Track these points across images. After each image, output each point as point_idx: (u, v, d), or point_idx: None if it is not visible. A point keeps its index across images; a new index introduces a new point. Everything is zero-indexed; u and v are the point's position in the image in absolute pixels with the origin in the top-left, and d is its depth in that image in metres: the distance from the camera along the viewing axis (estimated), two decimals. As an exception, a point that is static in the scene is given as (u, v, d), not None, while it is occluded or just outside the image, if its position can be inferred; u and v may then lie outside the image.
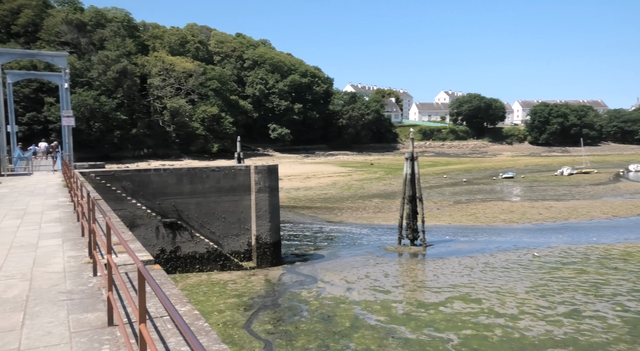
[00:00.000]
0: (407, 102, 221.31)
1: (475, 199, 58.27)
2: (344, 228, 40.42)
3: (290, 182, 72.10)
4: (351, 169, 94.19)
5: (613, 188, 67.87)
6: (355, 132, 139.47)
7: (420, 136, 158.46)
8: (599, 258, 28.18)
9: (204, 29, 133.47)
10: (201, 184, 27.18)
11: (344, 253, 31.48)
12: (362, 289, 23.24)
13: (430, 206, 50.74)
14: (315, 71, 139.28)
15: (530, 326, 17.89)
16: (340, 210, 50.31)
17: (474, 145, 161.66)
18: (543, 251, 30.52)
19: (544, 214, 45.88)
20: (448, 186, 73.45)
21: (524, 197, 60.41)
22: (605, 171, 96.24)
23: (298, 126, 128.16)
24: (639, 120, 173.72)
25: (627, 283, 22.99)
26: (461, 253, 31.01)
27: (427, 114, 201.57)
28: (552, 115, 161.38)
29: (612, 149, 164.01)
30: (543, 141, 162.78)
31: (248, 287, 23.69)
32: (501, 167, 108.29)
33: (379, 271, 26.87)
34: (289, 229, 39.62)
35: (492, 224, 41.41)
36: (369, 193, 64.96)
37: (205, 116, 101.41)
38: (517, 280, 24.12)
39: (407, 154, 33.91)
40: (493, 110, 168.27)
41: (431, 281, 24.77)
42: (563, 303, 20.42)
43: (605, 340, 16.48)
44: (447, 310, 20.05)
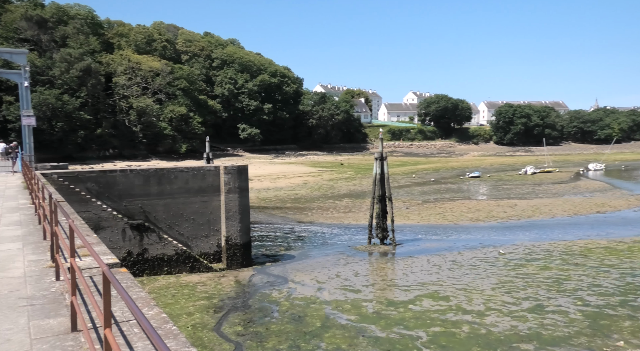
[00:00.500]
0: (376, 102, 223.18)
1: (443, 198, 59.29)
2: (314, 228, 40.46)
3: (260, 182, 71.71)
4: (321, 169, 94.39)
5: (574, 187, 70.22)
6: (325, 133, 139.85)
7: (389, 136, 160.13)
8: (561, 255, 29.09)
9: (171, 27, 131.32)
10: (169, 185, 26.72)
11: (315, 253, 31.52)
12: (333, 289, 23.31)
13: (400, 206, 51.33)
14: (285, 70, 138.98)
15: (496, 322, 18.32)
16: (311, 210, 50.34)
17: (441, 145, 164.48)
18: (508, 249, 31.31)
19: (509, 212, 47.06)
20: (417, 186, 74.48)
21: (489, 196, 61.83)
22: (566, 170, 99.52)
23: (268, 126, 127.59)
24: (598, 121, 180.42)
25: (587, 278, 23.81)
26: (430, 251, 31.49)
27: (396, 115, 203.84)
28: (516, 116, 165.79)
29: (573, 148, 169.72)
30: (508, 141, 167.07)
31: (218, 289, 23.43)
32: (468, 166, 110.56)
33: (349, 270, 27.01)
34: (260, 229, 39.40)
35: (460, 223, 42.22)
36: (339, 192, 65.22)
37: (173, 115, 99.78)
38: (483, 277, 24.66)
39: (377, 154, 34.20)
40: (460, 111, 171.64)
41: (401, 279, 25.06)
42: (527, 298, 20.99)
43: (567, 334, 17.03)
44: (416, 307, 20.32)
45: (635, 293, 21.32)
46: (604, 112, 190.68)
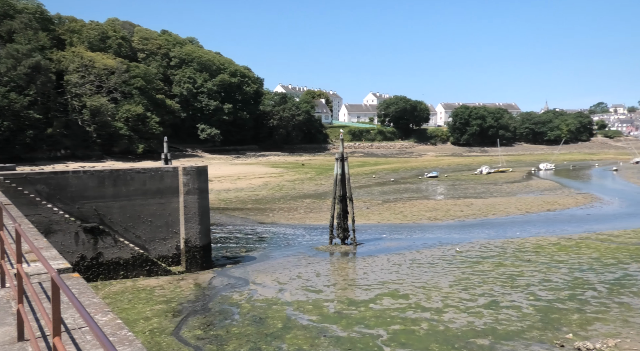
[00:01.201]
0: (337, 103, 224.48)
1: (403, 198, 60.27)
2: (275, 229, 40.28)
3: (220, 183, 70.75)
4: (282, 170, 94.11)
5: (526, 186, 72.90)
6: (286, 133, 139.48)
7: (349, 137, 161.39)
8: (514, 252, 30.11)
9: (127, 24, 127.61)
10: (125, 186, 25.94)
11: (276, 254, 31.37)
12: (294, 290, 23.27)
13: (360, 206, 51.81)
14: (245, 70, 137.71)
15: (453, 319, 18.77)
16: (272, 211, 50.09)
17: (400, 145, 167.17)
18: (465, 247, 32.15)
19: (465, 211, 48.34)
20: (377, 186, 75.40)
21: (447, 195, 63.32)
22: (519, 170, 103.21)
23: (228, 127, 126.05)
24: (548, 122, 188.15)
25: (538, 274, 24.75)
26: (390, 250, 31.93)
27: (356, 115, 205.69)
28: (471, 117, 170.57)
29: (525, 149, 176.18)
30: (464, 142, 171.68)
31: (177, 292, 22.94)
32: (426, 166, 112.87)
33: (310, 271, 27.03)
34: (220, 231, 38.87)
35: (419, 222, 43.03)
36: (300, 193, 65.19)
37: (129, 115, 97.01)
38: (441, 275, 25.21)
39: (337, 155, 34.39)
40: (418, 112, 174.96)
41: (361, 279, 25.28)
42: (483, 295, 21.61)
43: (520, 328, 17.64)
44: (376, 306, 20.55)
45: (582, 287, 22.32)
46: (553, 114, 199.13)
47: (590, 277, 23.90)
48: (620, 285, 22.38)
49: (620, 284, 22.59)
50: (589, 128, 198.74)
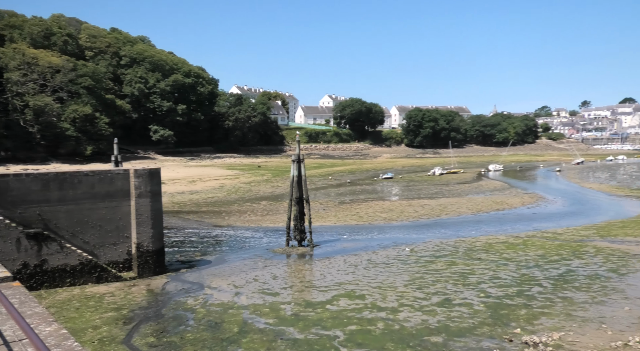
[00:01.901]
0: (293, 105, 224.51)
1: (359, 199, 60.90)
2: (231, 232, 39.76)
3: (174, 186, 69.16)
4: (238, 172, 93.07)
5: (476, 186, 75.32)
6: (242, 135, 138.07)
7: (306, 139, 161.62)
8: (466, 250, 31.01)
9: (73, 21, 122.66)
10: (72, 190, 24.87)
11: (232, 257, 30.95)
12: (251, 293, 23.03)
13: (317, 207, 51.95)
14: (199, 71, 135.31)
15: (408, 318, 19.11)
16: (228, 214, 49.43)
17: (356, 147, 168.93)
18: (419, 246, 32.82)
19: (419, 211, 49.39)
20: (333, 187, 75.84)
21: (402, 196, 64.50)
22: (470, 171, 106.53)
23: (182, 128, 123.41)
24: (496, 125, 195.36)
25: (489, 272, 25.59)
26: (346, 251, 32.17)
27: (313, 117, 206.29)
28: (424, 119, 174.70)
29: (475, 151, 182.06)
30: (417, 144, 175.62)
31: (128, 299, 22.20)
32: (381, 168, 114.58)
33: (267, 273, 26.84)
34: (174, 235, 37.97)
35: (374, 223, 43.59)
36: (256, 195, 64.67)
37: (76, 115, 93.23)
38: (396, 275, 25.63)
39: (294, 157, 34.34)
40: (373, 114, 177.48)
41: (318, 280, 25.33)
42: (436, 293, 22.12)
43: (471, 325, 18.17)
44: (333, 307, 20.63)
45: (529, 283, 23.26)
46: (501, 117, 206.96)
47: (536, 273, 24.93)
48: (563, 281, 23.46)
49: (563, 279, 23.69)
50: (534, 131, 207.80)
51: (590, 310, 19.23)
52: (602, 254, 28.80)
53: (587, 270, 25.25)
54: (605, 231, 36.61)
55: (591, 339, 16.25)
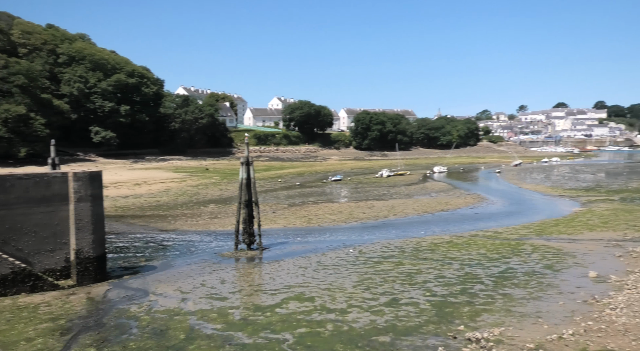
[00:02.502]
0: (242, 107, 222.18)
1: (308, 201, 61.06)
2: (178, 236, 38.77)
3: (117, 189, 66.65)
4: (185, 175, 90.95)
5: (422, 188, 77.39)
6: (189, 137, 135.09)
7: (255, 141, 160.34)
8: (412, 251, 31.76)
9: (4, 15, 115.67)
10: (4, 194, 23.40)
11: (179, 262, 30.18)
12: (198, 299, 22.53)
13: (266, 210, 51.63)
14: (143, 71, 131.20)
15: (357, 318, 19.33)
16: (174, 217, 48.19)
17: (305, 150, 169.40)
18: (367, 248, 33.29)
19: (367, 213, 50.13)
20: (283, 190, 75.65)
21: (350, 198, 65.25)
22: (416, 173, 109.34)
23: (125, 129, 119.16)
24: (441, 128, 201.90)
25: (434, 271, 26.33)
26: (295, 254, 32.14)
27: (262, 119, 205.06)
28: (372, 122, 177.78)
29: (421, 153, 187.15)
30: (365, 146, 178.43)
31: (66, 308, 21.14)
32: (330, 170, 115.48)
33: (215, 278, 26.36)
34: (117, 240, 36.56)
35: (323, 225, 43.82)
36: (204, 198, 63.45)
37: (8, 116, 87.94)
38: (345, 276, 25.87)
39: (243, 159, 33.96)
40: (322, 117, 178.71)
41: (267, 283, 25.15)
42: (384, 293, 22.51)
43: (418, 323, 18.62)
44: (282, 310, 20.54)
45: (472, 281, 24.13)
46: (445, 121, 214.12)
47: (478, 272, 25.90)
48: (503, 278, 24.51)
49: (503, 277, 24.74)
50: (476, 134, 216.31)
51: (528, 305, 20.18)
52: (538, 251, 30.31)
53: (525, 267, 26.49)
54: (541, 229, 38.58)
55: (529, 333, 17.05)
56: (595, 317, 18.26)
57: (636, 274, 24.04)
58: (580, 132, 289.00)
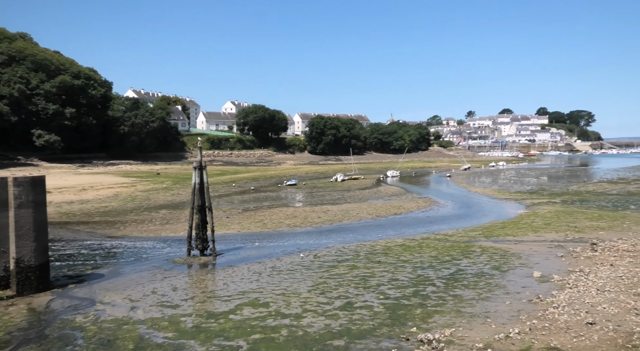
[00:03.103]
0: (194, 110, 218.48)
1: (263, 206, 60.64)
2: (127, 243, 37.51)
3: (62, 195, 63.81)
4: (135, 180, 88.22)
5: (376, 192, 78.56)
6: (139, 141, 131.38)
7: (208, 145, 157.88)
8: (366, 254, 32.12)
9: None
10: (-64, 201, 21.90)
11: (128, 270, 29.18)
12: (148, 307, 21.85)
13: (220, 215, 50.86)
14: (90, 72, 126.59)
15: (312, 323, 19.31)
16: (124, 224, 46.62)
17: (260, 154, 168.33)
18: (322, 252, 33.38)
19: (322, 217, 50.32)
20: (237, 195, 74.79)
21: (305, 202, 65.31)
22: (369, 177, 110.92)
23: (71, 133, 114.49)
24: (393, 133, 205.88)
25: (387, 274, 26.72)
26: (250, 259, 31.80)
27: (215, 123, 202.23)
28: (326, 127, 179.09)
29: (375, 157, 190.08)
30: (320, 151, 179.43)
31: (4, 320, 19.98)
32: (285, 175, 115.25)
33: (167, 285, 25.67)
34: (61, 248, 34.93)
35: (278, 230, 43.61)
36: (155, 204, 61.79)
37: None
38: (300, 281, 25.82)
39: (196, 163, 33.31)
40: (277, 121, 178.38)
41: (221, 290, 24.74)
42: (339, 297, 22.63)
43: (372, 326, 18.82)
44: (236, 317, 20.25)
45: (424, 283, 24.65)
46: (397, 126, 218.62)
47: (430, 274, 26.50)
48: (454, 279, 25.18)
49: (454, 278, 25.43)
50: (427, 138, 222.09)
51: (477, 306, 20.81)
52: (486, 253, 31.37)
53: (474, 269, 27.34)
54: (489, 231, 39.97)
55: (478, 333, 17.59)
56: (539, 316, 19.05)
57: (576, 274, 25.29)
58: (525, 138, 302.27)
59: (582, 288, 22.54)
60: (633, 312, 18.92)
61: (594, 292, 21.70)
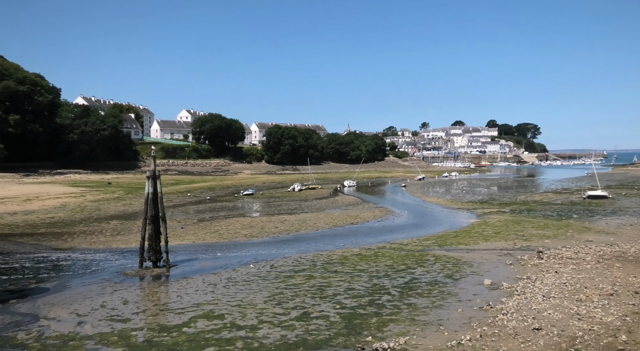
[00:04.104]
0: (148, 118, 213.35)
1: (219, 216, 59.76)
2: (75, 255, 36.01)
3: (4, 205, 60.68)
4: (85, 189, 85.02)
5: (333, 201, 79.00)
6: (89, 149, 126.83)
7: (163, 154, 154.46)
8: (323, 264, 32.20)
9: None
10: None
11: (75, 283, 28.00)
12: (97, 322, 21.03)
13: (175, 225, 49.73)
14: (36, 78, 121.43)
15: (268, 334, 19.14)
16: (71, 235, 44.77)
17: (216, 163, 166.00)
18: (279, 262, 33.20)
19: (279, 227, 50.10)
20: (192, 204, 73.40)
21: (262, 212, 64.85)
22: (327, 187, 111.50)
23: (15, 141, 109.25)
24: (350, 143, 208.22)
25: (344, 284, 26.88)
26: (205, 270, 31.21)
27: (170, 132, 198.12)
28: (284, 136, 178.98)
29: (332, 167, 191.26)
30: (277, 160, 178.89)
31: (-62, 341, 18.71)
32: (242, 184, 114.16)
33: (117, 298, 24.80)
34: (2, 261, 33.12)
35: (235, 240, 43.06)
36: (106, 214, 59.73)
37: None
38: (256, 292, 25.57)
39: (149, 173, 32.48)
40: (233, 130, 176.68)
41: (175, 302, 24.14)
42: (295, 308, 22.55)
43: (328, 336, 18.85)
44: (190, 330, 19.81)
45: (379, 292, 24.95)
46: (354, 136, 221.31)
47: (385, 283, 26.85)
48: (409, 288, 25.62)
49: (409, 287, 25.87)
50: (383, 149, 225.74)
51: (430, 313, 21.25)
52: (440, 262, 32.12)
53: (428, 277, 27.92)
54: (442, 240, 40.97)
55: (431, 341, 17.94)
56: (489, 322, 19.66)
57: (524, 281, 26.29)
58: (476, 149, 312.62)
59: (529, 294, 23.45)
60: (576, 317, 19.85)
61: (540, 298, 22.63)
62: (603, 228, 45.61)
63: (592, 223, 49.25)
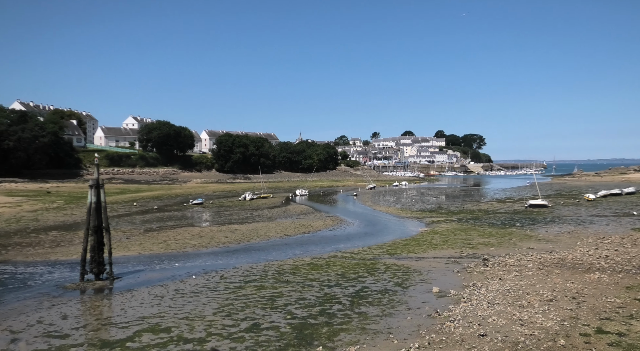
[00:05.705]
0: (92, 125, 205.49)
1: (167, 226, 58.12)
2: (9, 268, 33.91)
3: None
4: (21, 199, 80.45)
5: (285, 211, 78.66)
6: (26, 157, 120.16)
7: (107, 162, 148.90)
8: (274, 274, 31.88)
9: None
10: None
11: (9, 298, 26.32)
12: (32, 338, 19.81)
13: (119, 236, 47.90)
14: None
15: (216, 347, 18.66)
16: (5, 247, 42.18)
17: (164, 172, 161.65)
18: (229, 272, 32.58)
19: (230, 237, 49.27)
20: (138, 214, 71.00)
21: (212, 222, 63.62)
22: (278, 196, 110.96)
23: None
24: (302, 152, 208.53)
25: (295, 293, 26.69)
26: (151, 282, 30.17)
27: (115, 139, 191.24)
28: (235, 145, 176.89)
29: (284, 176, 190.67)
30: (228, 169, 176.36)
31: None
32: (191, 193, 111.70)
33: (55, 313, 23.49)
34: None
35: (183, 250, 41.94)
36: (45, 225, 56.74)
37: None
38: (205, 303, 24.94)
39: (92, 182, 31.15)
40: (182, 138, 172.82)
41: (118, 316, 23.13)
42: (245, 319, 22.15)
43: (278, 347, 18.60)
44: (135, 345, 19.02)
45: (331, 302, 24.95)
46: (306, 145, 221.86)
47: (337, 292, 26.89)
48: (359, 297, 25.76)
49: (359, 296, 26.01)
50: (334, 158, 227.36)
51: (380, 322, 21.43)
52: (390, 270, 32.55)
53: (378, 286, 28.20)
54: (393, 249, 41.60)
55: (381, 349, 18.08)
56: (437, 329, 20.05)
57: (470, 288, 27.06)
58: (425, 159, 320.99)
59: (475, 301, 24.16)
60: (518, 323, 20.60)
61: (485, 305, 23.35)
62: (543, 235, 47.80)
63: (533, 231, 51.50)
